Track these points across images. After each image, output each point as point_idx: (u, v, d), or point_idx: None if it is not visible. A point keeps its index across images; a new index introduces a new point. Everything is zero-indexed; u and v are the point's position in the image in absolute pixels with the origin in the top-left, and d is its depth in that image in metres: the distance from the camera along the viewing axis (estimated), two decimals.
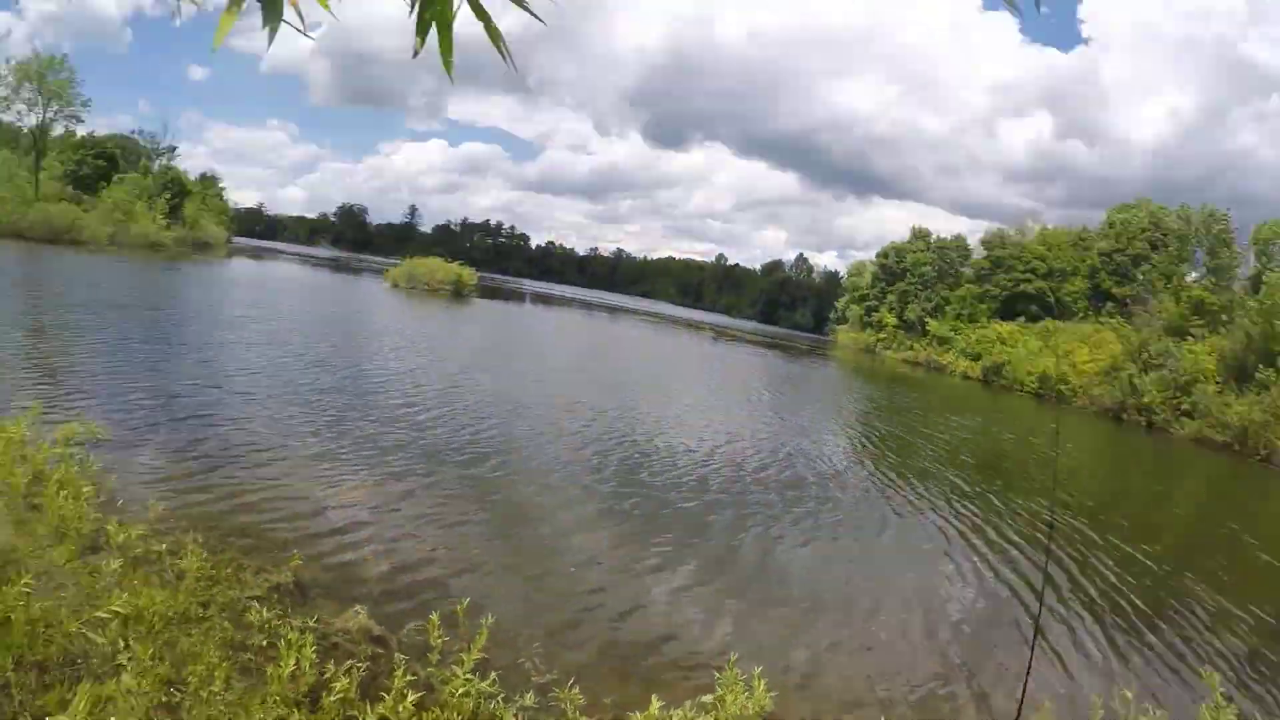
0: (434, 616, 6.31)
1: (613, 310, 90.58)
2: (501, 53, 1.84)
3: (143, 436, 11.85)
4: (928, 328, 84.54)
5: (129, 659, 5.32)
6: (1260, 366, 43.24)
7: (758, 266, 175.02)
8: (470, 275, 70.06)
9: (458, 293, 65.34)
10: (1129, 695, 7.05)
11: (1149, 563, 14.86)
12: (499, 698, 5.78)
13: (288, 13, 1.83)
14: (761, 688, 6.17)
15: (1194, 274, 68.54)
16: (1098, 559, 14.45)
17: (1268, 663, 10.67)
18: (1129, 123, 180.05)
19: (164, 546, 7.46)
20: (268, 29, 1.82)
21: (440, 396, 18.99)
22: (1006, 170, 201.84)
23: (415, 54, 1.77)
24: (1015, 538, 14.95)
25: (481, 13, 1.77)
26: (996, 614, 10.95)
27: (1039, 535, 15.05)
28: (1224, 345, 48.58)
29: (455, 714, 5.46)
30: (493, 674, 5.91)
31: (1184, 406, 46.64)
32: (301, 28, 1.85)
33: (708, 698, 6.15)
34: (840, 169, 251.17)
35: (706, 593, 9.54)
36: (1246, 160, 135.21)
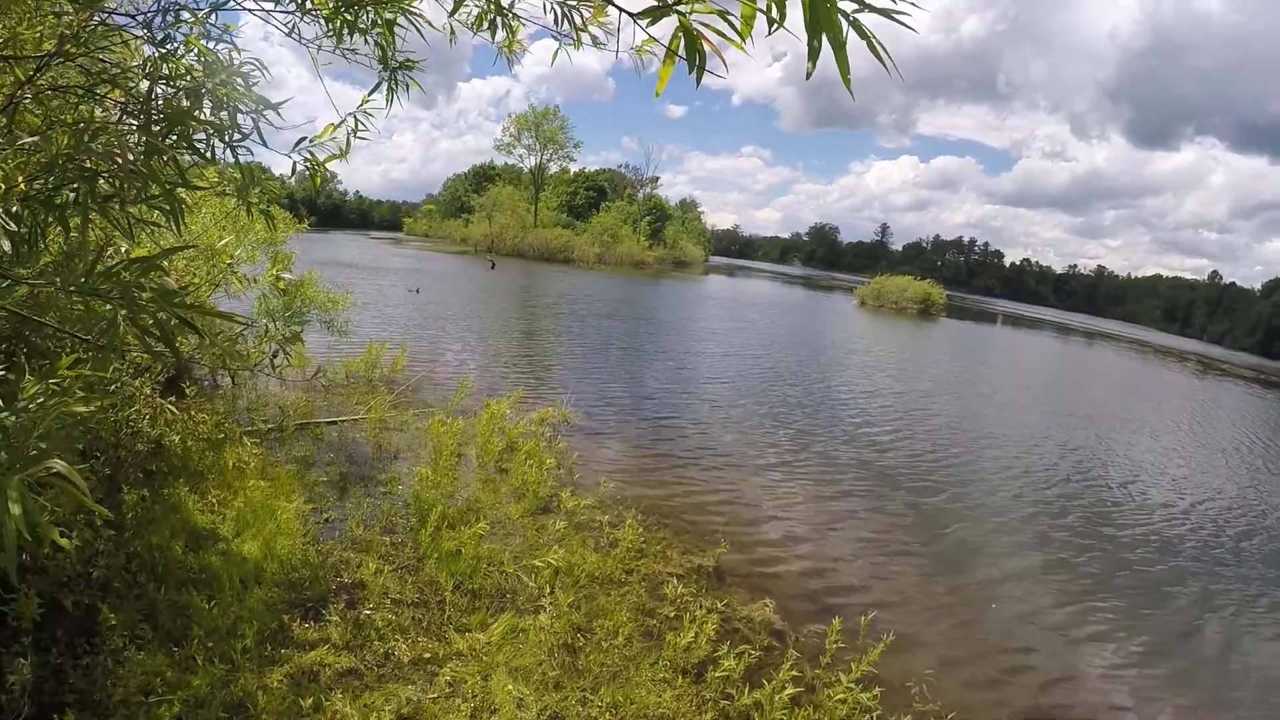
0: (835, 621, 6.42)
1: (1089, 335, 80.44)
2: (845, 81, 1.88)
3: (609, 427, 13.54)
4: None
5: (550, 603, 6.23)
6: None
7: (1257, 286, 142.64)
8: (939, 294, 67.78)
9: (925, 311, 63.68)
10: None
11: None
12: (874, 713, 5.64)
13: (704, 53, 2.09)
14: None
15: None
16: None
17: None
18: None
19: (606, 518, 8.54)
20: (693, 73, 2.11)
21: (900, 418, 18.61)
22: None
23: (808, 76, 1.89)
24: None
25: (836, 40, 1.81)
26: None
27: None
28: None
29: (827, 717, 5.47)
30: (876, 689, 5.77)
31: None
32: (725, 65, 2.11)
33: None
34: None
35: (1139, 674, 8.03)
36: None
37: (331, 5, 3.96)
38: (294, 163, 4.06)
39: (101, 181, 2.73)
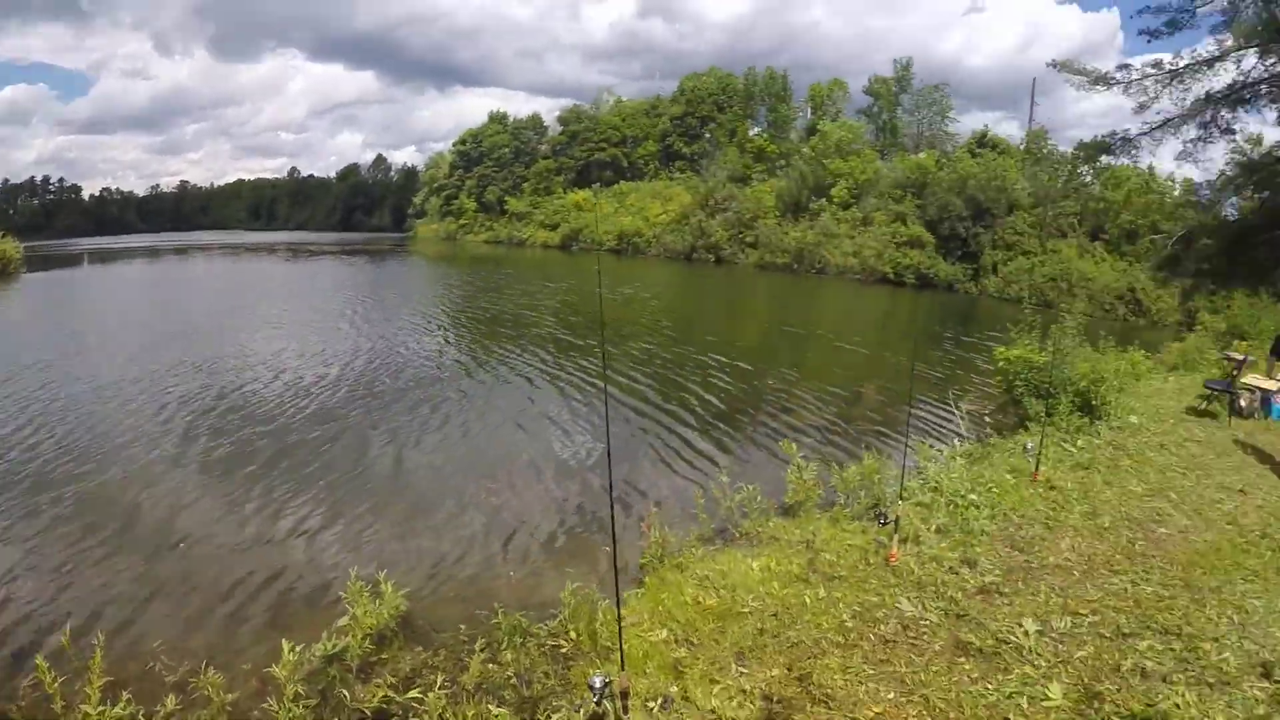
0: (39, 660, 5.59)
1: (182, 251, 79.21)
2: None
3: None
4: (506, 207, 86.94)
5: None
6: (812, 199, 51.52)
7: (332, 174, 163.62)
8: (15, 249, 58.55)
9: (3, 272, 54.79)
10: (724, 479, 8.41)
11: (728, 366, 17.76)
12: (139, 715, 5.37)
13: None
14: (390, 590, 6.35)
15: (756, 129, 78.45)
16: (686, 374, 17.08)
17: (835, 426, 13.39)
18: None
19: None
20: None
21: None
22: (589, 50, 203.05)
23: None
24: (595, 378, 16.73)
25: None
26: (590, 447, 12.14)
27: (633, 371, 17.67)
28: (781, 185, 56.76)
29: None
30: (124, 694, 5.46)
31: (748, 240, 54.37)
32: None
33: (343, 620, 6.19)
34: (420, 63, 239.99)
35: (323, 522, 9.28)
36: (811, 32, 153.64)
37: None
38: None
39: None
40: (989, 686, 4.94)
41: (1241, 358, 13.31)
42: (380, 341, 20.88)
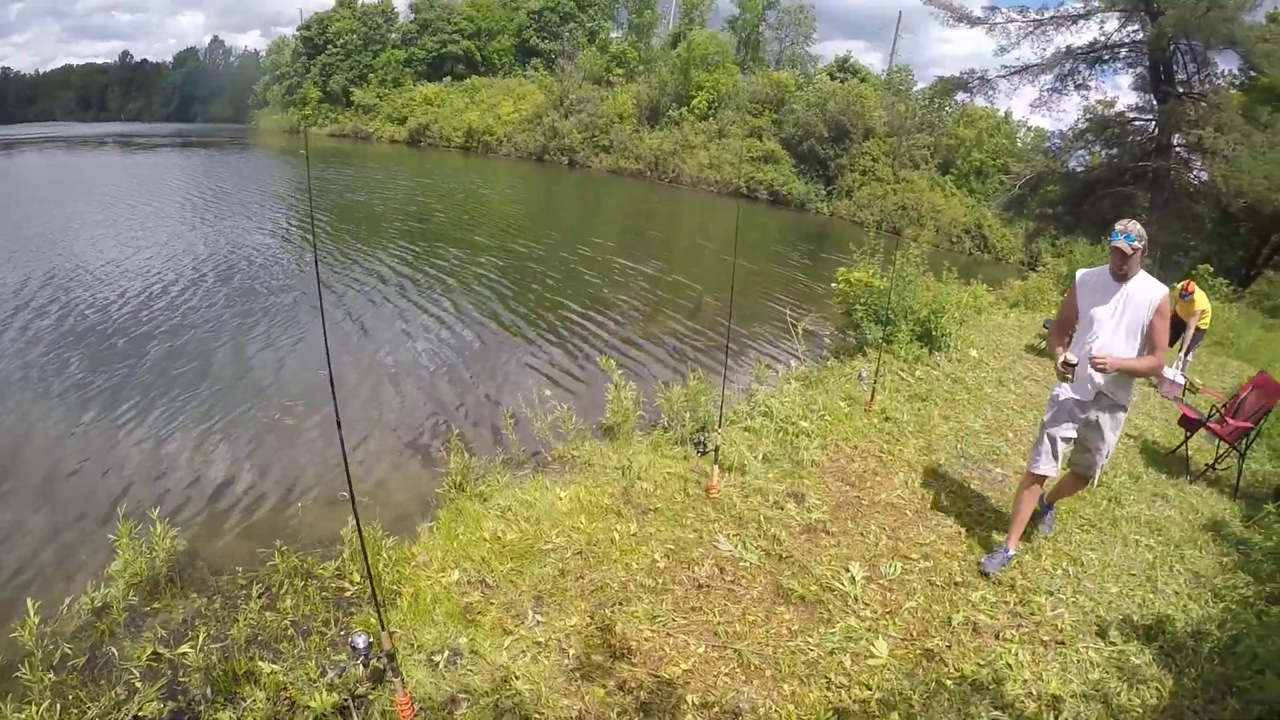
0: None
1: (9, 145, 67.44)
2: None
3: None
4: (352, 98, 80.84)
5: None
6: (673, 106, 50.50)
7: (169, 59, 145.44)
8: None
9: None
10: (547, 393, 7.67)
11: (572, 272, 17.03)
12: None
13: None
14: (162, 530, 5.16)
15: (617, 33, 75.59)
16: (524, 282, 16.02)
17: (670, 339, 12.81)
18: None
19: None
20: None
21: None
22: None
23: None
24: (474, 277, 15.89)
25: None
26: (423, 358, 11.19)
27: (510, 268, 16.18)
28: (641, 91, 55.18)
29: None
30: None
31: (602, 144, 53.01)
32: None
33: (116, 564, 4.96)
34: None
35: (220, 436, 7.93)
36: None
37: None
38: None
39: None
40: (810, 640, 4.43)
41: None
42: (222, 239, 18.18)
